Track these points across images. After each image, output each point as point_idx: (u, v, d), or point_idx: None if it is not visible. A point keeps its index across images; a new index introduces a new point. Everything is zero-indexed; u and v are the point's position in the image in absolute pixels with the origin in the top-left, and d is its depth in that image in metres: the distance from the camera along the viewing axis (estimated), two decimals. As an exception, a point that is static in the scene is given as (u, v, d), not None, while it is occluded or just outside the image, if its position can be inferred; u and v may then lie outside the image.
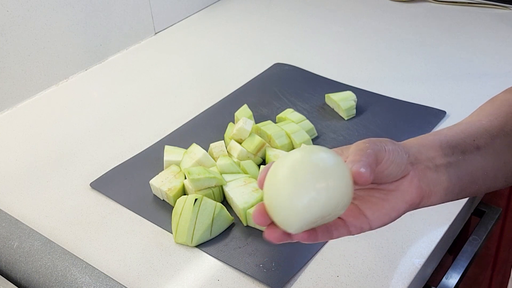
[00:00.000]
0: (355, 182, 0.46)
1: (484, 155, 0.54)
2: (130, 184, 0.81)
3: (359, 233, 0.50)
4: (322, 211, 0.45)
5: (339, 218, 0.49)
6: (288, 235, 0.47)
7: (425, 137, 0.55)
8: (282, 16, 1.26)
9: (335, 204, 0.45)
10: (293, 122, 0.86)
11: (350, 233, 0.50)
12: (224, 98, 0.98)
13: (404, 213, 0.51)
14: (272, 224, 0.48)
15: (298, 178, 0.45)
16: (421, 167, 0.51)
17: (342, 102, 0.90)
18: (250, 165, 0.79)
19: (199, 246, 0.71)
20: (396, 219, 0.51)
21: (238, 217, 0.74)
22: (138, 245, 0.72)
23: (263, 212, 0.47)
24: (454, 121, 0.89)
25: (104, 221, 0.76)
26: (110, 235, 0.74)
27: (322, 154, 0.46)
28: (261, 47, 1.14)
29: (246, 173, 0.78)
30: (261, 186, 0.49)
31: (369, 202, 0.50)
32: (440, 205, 0.74)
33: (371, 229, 0.50)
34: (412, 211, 0.72)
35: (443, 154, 0.53)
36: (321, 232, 0.48)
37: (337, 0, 1.30)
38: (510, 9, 1.20)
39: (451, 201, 0.54)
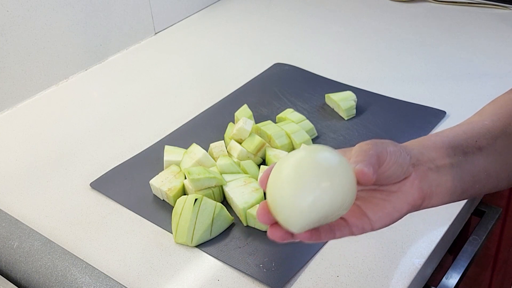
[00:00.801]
0: (359, 182, 0.46)
1: (486, 156, 0.54)
2: (130, 184, 0.81)
3: (361, 233, 0.50)
4: (326, 211, 0.45)
5: (341, 218, 0.49)
6: (291, 234, 0.47)
7: (426, 138, 0.55)
8: (282, 16, 1.26)
9: (339, 204, 0.45)
10: (293, 122, 0.86)
11: (352, 234, 0.50)
12: (224, 98, 0.98)
13: (406, 214, 0.51)
14: (275, 223, 0.48)
15: (302, 177, 0.45)
16: (423, 169, 0.51)
17: (342, 102, 0.90)
18: (250, 165, 0.79)
19: (199, 246, 0.71)
20: (398, 220, 0.51)
21: (238, 217, 0.74)
22: (138, 245, 0.72)
23: (267, 211, 0.47)
24: (454, 121, 0.89)
25: (104, 221, 0.76)
26: (110, 235, 0.74)
27: (326, 153, 0.46)
28: (261, 47, 1.14)
29: (246, 173, 0.78)
30: (263, 185, 0.49)
31: (371, 203, 0.50)
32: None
33: (373, 229, 0.50)
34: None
35: (445, 155, 0.53)
36: (324, 232, 0.48)
37: (337, 0, 1.30)
38: (510, 9, 1.20)
39: (454, 202, 0.54)
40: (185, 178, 0.77)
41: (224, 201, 0.77)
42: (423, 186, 0.51)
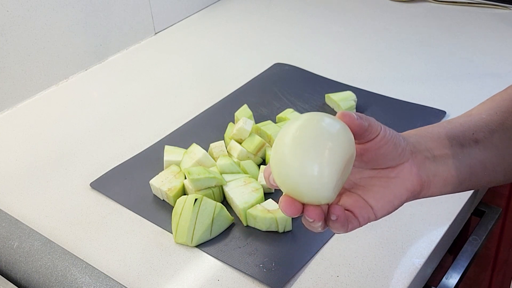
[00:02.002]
0: (352, 129, 0.48)
1: (483, 149, 0.54)
2: (130, 184, 0.81)
3: (366, 223, 0.50)
4: (339, 168, 0.46)
5: (349, 210, 0.50)
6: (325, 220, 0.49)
7: (424, 129, 0.55)
8: (282, 16, 1.26)
9: (346, 153, 0.46)
10: (293, 122, 0.86)
11: (359, 224, 0.50)
12: (224, 98, 0.98)
13: (406, 201, 0.52)
14: (307, 205, 0.48)
15: (305, 152, 0.45)
16: (420, 157, 0.52)
17: (342, 102, 0.90)
18: (250, 165, 0.79)
19: (199, 246, 0.71)
20: (399, 207, 0.51)
21: (238, 217, 0.74)
22: (138, 245, 0.72)
23: (292, 201, 0.47)
24: (454, 121, 0.89)
25: (104, 221, 0.76)
26: (110, 235, 0.74)
27: (322, 120, 0.47)
28: (261, 47, 1.14)
29: (246, 173, 0.78)
30: (269, 183, 0.50)
31: (371, 191, 0.51)
32: (440, 205, 0.74)
33: (376, 218, 0.50)
34: (412, 212, 0.72)
35: (442, 145, 0.53)
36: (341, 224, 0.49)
37: (337, 0, 1.30)
38: (510, 9, 1.20)
39: (451, 193, 0.54)
40: (185, 178, 0.77)
41: (224, 201, 0.77)
42: (421, 174, 0.51)
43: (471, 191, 0.75)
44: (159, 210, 0.77)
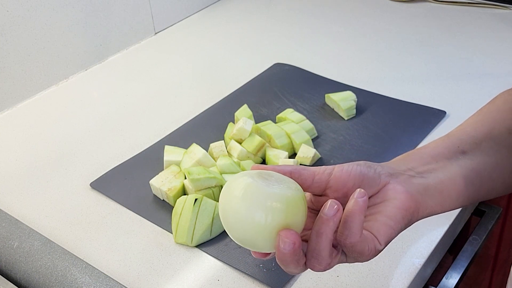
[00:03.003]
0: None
1: (472, 158, 0.54)
2: (130, 184, 0.81)
3: (375, 255, 0.49)
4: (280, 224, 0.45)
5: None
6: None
7: (405, 154, 0.55)
8: (282, 16, 1.26)
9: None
10: (293, 122, 0.86)
11: (368, 257, 0.48)
12: (224, 98, 0.98)
13: (404, 221, 0.50)
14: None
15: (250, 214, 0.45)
16: (403, 177, 0.51)
17: (342, 102, 0.90)
18: (250, 165, 0.79)
19: (199, 246, 0.71)
20: (399, 228, 0.50)
21: (238, 217, 0.74)
22: (138, 245, 0.72)
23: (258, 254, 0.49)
24: (454, 121, 0.89)
25: (104, 221, 0.76)
26: (110, 235, 0.74)
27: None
28: (261, 47, 1.14)
29: (246, 173, 0.78)
30: None
31: (370, 221, 0.49)
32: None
33: (381, 245, 0.48)
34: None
35: (425, 162, 0.53)
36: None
37: (337, 0, 1.30)
38: (510, 9, 1.20)
39: (454, 207, 0.53)
40: (185, 178, 0.77)
41: (224, 201, 0.77)
42: (409, 190, 0.50)
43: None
44: (159, 210, 0.77)
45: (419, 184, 0.51)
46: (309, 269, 0.48)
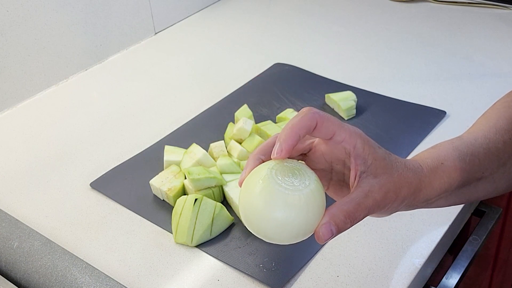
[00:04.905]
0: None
1: (464, 160, 0.53)
2: (130, 184, 0.81)
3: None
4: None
5: None
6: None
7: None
8: (282, 16, 1.26)
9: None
10: (293, 122, 0.86)
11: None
12: (224, 98, 0.98)
13: (403, 194, 0.50)
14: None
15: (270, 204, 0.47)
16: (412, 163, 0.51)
17: (342, 102, 0.90)
18: (250, 165, 0.79)
19: (199, 246, 0.71)
20: (396, 199, 0.50)
21: (238, 217, 0.74)
22: (138, 245, 0.72)
23: None
24: (454, 121, 0.89)
25: (104, 221, 0.76)
26: (110, 235, 0.74)
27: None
28: (261, 47, 1.14)
29: (246, 173, 0.78)
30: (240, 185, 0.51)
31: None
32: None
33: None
34: (412, 211, 0.72)
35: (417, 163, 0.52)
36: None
37: (337, 0, 1.30)
38: (510, 9, 1.20)
39: (453, 200, 0.53)
40: (185, 178, 0.77)
41: (224, 201, 0.77)
42: (413, 166, 0.51)
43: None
44: (159, 210, 0.77)
45: (426, 162, 0.52)
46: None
